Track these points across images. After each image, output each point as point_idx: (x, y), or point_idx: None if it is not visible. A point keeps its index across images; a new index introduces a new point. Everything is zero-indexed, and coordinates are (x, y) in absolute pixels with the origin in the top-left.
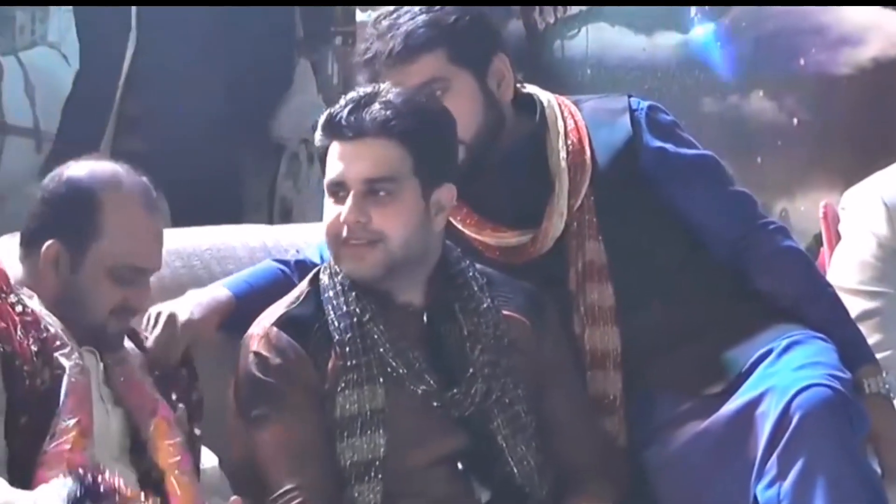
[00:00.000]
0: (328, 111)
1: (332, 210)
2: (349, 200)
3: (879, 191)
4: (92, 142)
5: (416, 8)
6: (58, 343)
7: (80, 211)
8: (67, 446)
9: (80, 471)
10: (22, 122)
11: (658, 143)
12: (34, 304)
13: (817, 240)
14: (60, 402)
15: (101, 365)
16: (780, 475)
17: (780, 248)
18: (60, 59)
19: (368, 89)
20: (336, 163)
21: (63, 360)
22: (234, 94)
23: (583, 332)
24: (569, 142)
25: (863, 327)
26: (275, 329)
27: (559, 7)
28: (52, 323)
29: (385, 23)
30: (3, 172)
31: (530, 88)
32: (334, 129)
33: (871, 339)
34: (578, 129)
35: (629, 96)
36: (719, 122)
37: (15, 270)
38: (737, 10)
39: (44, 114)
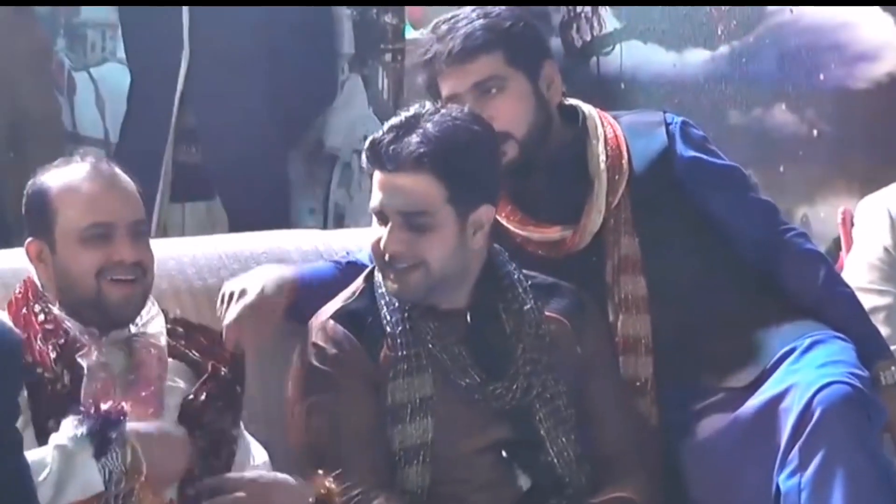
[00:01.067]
0: (371, 138)
1: (377, 231)
2: (388, 230)
3: (887, 203)
4: (153, 152)
5: (473, 13)
6: (77, 345)
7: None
8: None
9: (83, 407)
10: (93, 134)
11: (691, 153)
12: (56, 309)
13: (836, 243)
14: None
15: (129, 361)
16: (802, 466)
17: (802, 252)
18: (128, 74)
19: (410, 113)
20: (377, 192)
21: (81, 361)
22: (288, 108)
23: (616, 320)
24: (608, 147)
25: (873, 320)
26: (332, 322)
27: (595, 25)
28: (71, 326)
29: (444, 27)
30: None
31: (573, 101)
32: (376, 158)
33: (883, 332)
34: (617, 138)
35: (664, 112)
36: (744, 134)
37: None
38: (761, 29)
39: (113, 125)
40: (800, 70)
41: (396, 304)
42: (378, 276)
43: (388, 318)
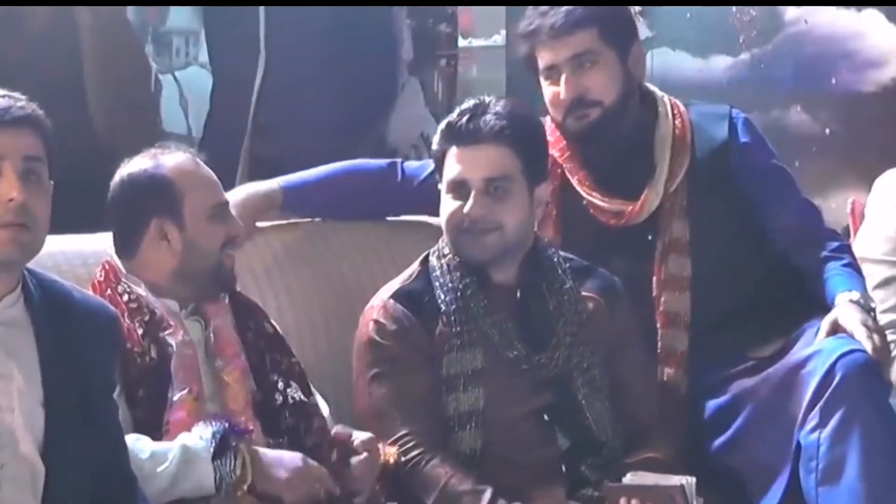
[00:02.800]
0: (447, 120)
1: (452, 204)
2: (472, 197)
3: None
4: (232, 147)
5: None
6: (164, 324)
7: (161, 190)
8: (184, 413)
9: (213, 418)
10: (177, 130)
11: (748, 146)
12: (140, 290)
13: (846, 231)
14: (172, 377)
15: (206, 333)
16: (821, 424)
17: (837, 248)
18: (209, 77)
19: (476, 101)
20: (456, 165)
21: (170, 339)
22: (354, 107)
23: (659, 296)
24: (675, 135)
25: (884, 291)
26: (392, 301)
27: None
28: (157, 306)
29: (544, 8)
30: None
31: (650, 86)
32: (454, 136)
33: (892, 301)
34: (684, 126)
35: (730, 107)
36: (763, 132)
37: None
38: (779, 38)
39: (195, 122)
40: (813, 75)
41: (450, 285)
42: (433, 260)
43: (443, 297)
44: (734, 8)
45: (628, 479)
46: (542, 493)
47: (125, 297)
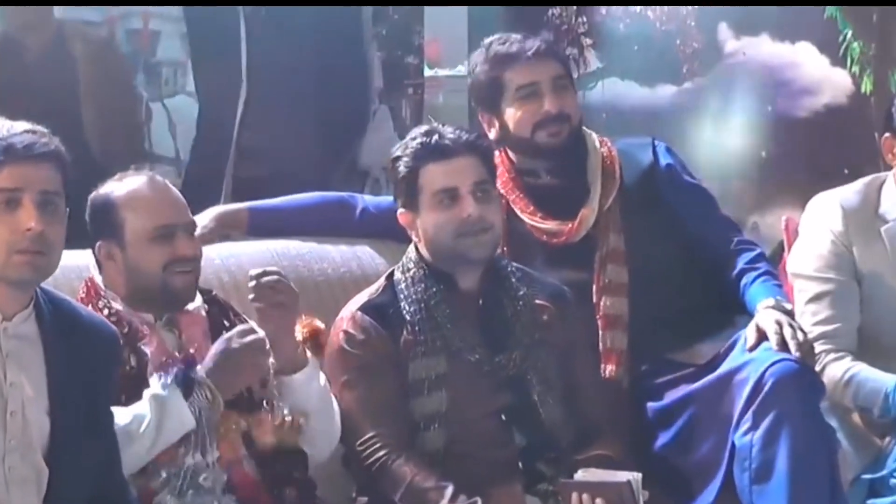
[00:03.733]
0: (420, 142)
1: (444, 212)
2: (465, 200)
3: (839, 197)
4: (217, 169)
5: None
6: (139, 334)
7: (106, 212)
8: None
9: (165, 361)
10: (166, 153)
11: (669, 162)
12: (118, 304)
13: (781, 246)
14: (147, 383)
15: (180, 342)
16: (754, 426)
17: (753, 258)
18: (196, 105)
19: (430, 126)
20: (440, 177)
21: (145, 348)
22: (329, 132)
23: (600, 301)
24: (603, 162)
25: (816, 305)
26: (359, 313)
27: (581, 65)
28: (133, 319)
29: (515, 36)
30: None
31: None
32: (429, 153)
33: (823, 315)
34: (612, 154)
35: (653, 138)
36: (705, 155)
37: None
38: (720, 67)
39: (183, 146)
40: (751, 102)
41: (414, 297)
42: (398, 275)
43: (408, 308)
44: (678, 40)
45: (580, 475)
46: (500, 489)
47: (105, 312)
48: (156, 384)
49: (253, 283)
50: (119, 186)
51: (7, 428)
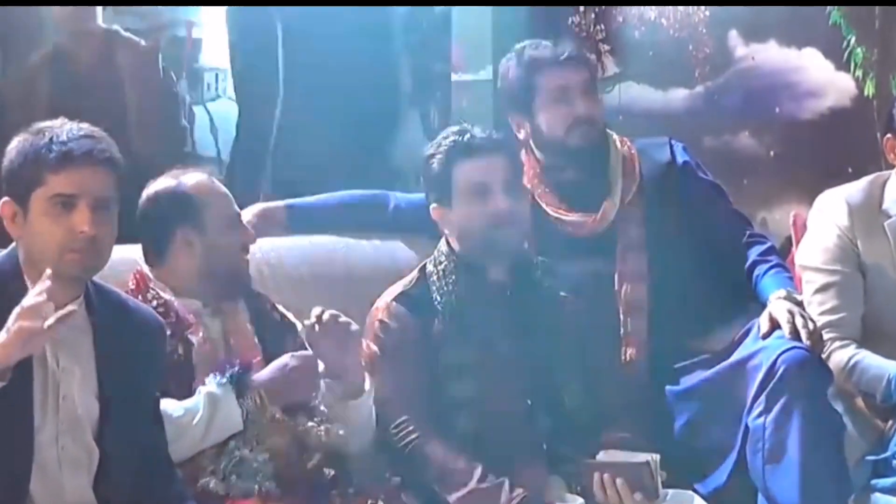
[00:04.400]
0: (452, 141)
1: (477, 207)
2: (499, 195)
3: (845, 194)
4: (256, 168)
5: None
6: (186, 324)
7: (183, 203)
8: None
9: (225, 363)
10: (208, 153)
11: (686, 160)
12: (167, 295)
13: (788, 240)
14: (194, 370)
15: (225, 329)
16: (767, 409)
17: (765, 251)
18: (236, 108)
19: (461, 126)
20: (473, 173)
21: (192, 338)
22: (362, 134)
23: (621, 289)
24: (624, 160)
25: (823, 295)
26: (394, 303)
27: (599, 70)
28: (181, 309)
29: (546, 42)
30: None
31: None
32: (462, 151)
33: (829, 304)
34: (632, 154)
35: (669, 138)
36: (717, 154)
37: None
38: (729, 72)
39: (224, 147)
40: (760, 104)
41: (445, 289)
42: (430, 267)
43: (439, 298)
44: (691, 45)
45: (601, 456)
46: (526, 469)
47: (154, 303)
48: (211, 382)
49: (304, 332)
50: (186, 180)
51: (59, 410)
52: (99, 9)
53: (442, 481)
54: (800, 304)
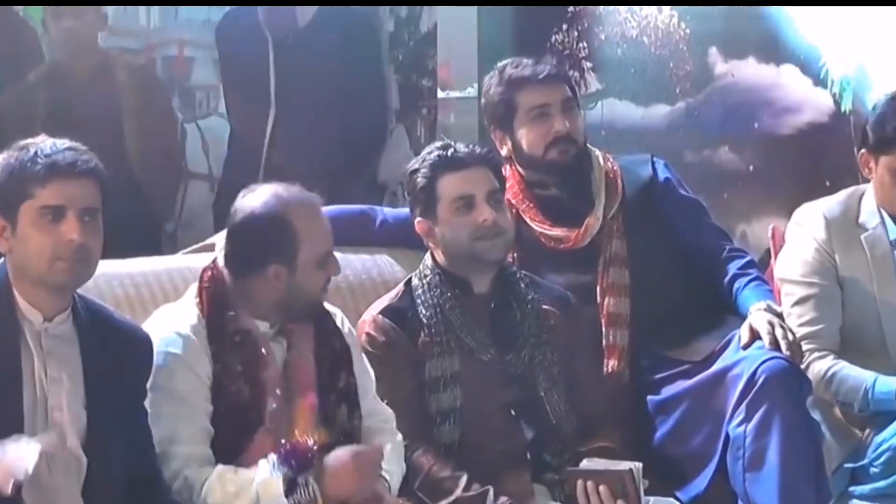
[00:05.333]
0: (437, 155)
1: (463, 218)
2: (484, 207)
3: (822, 208)
4: (248, 184)
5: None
6: (260, 360)
7: (282, 237)
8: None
9: (281, 450)
10: (200, 170)
11: (667, 176)
12: (247, 322)
13: (767, 253)
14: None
15: (288, 357)
16: (747, 418)
17: (744, 265)
18: (227, 125)
19: (444, 142)
20: (458, 185)
21: (264, 377)
22: (351, 150)
23: (603, 301)
24: (607, 176)
25: (802, 308)
26: (380, 316)
27: (582, 87)
28: (260, 344)
29: (527, 60)
30: (187, 206)
31: None
32: (447, 165)
33: (808, 316)
34: (614, 170)
35: (651, 155)
36: (697, 169)
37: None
38: (709, 89)
39: (216, 164)
40: (739, 120)
41: (430, 301)
42: (415, 281)
43: (424, 311)
44: (671, 63)
45: (584, 464)
46: (510, 478)
47: (231, 327)
48: (265, 468)
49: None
50: (291, 208)
51: (49, 419)
52: (99, 33)
53: (428, 489)
54: (779, 315)
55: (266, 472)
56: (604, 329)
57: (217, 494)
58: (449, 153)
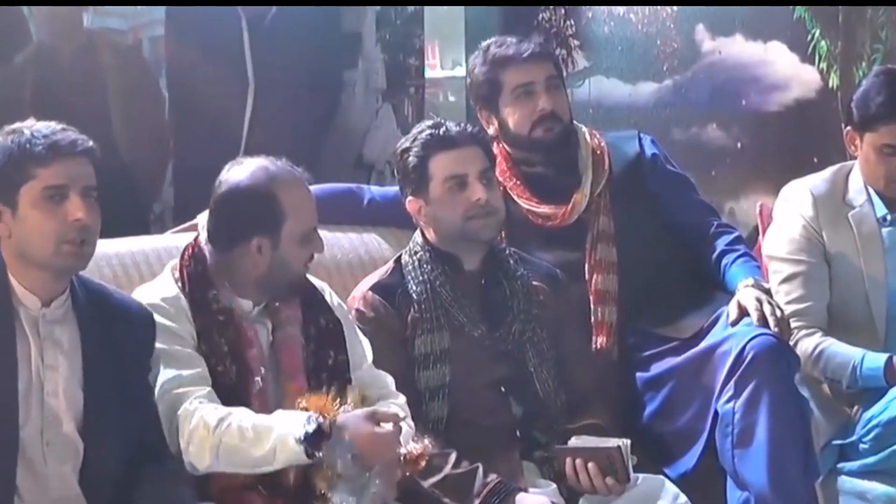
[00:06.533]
0: (429, 133)
1: (456, 196)
2: (476, 186)
3: (809, 185)
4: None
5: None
6: (245, 340)
7: (266, 210)
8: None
9: (315, 414)
10: None
11: (654, 152)
12: (225, 300)
13: (755, 230)
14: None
15: (272, 337)
16: (736, 394)
17: (732, 241)
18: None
19: (435, 120)
20: (450, 164)
21: (250, 355)
22: (337, 129)
23: (591, 278)
24: (594, 152)
25: (789, 285)
26: (370, 293)
27: (569, 65)
28: (241, 325)
29: (511, 39)
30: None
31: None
32: (439, 144)
33: (796, 294)
34: (601, 146)
35: (638, 131)
36: (685, 146)
37: None
38: (697, 66)
39: None
40: (727, 97)
41: (421, 278)
42: (405, 258)
43: (415, 288)
44: (659, 40)
45: (573, 441)
46: (500, 455)
47: (213, 306)
48: (295, 428)
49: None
50: (277, 181)
51: (44, 405)
52: (84, 13)
53: None
54: (767, 291)
55: (297, 428)
56: (592, 306)
57: (234, 437)
58: (441, 132)
